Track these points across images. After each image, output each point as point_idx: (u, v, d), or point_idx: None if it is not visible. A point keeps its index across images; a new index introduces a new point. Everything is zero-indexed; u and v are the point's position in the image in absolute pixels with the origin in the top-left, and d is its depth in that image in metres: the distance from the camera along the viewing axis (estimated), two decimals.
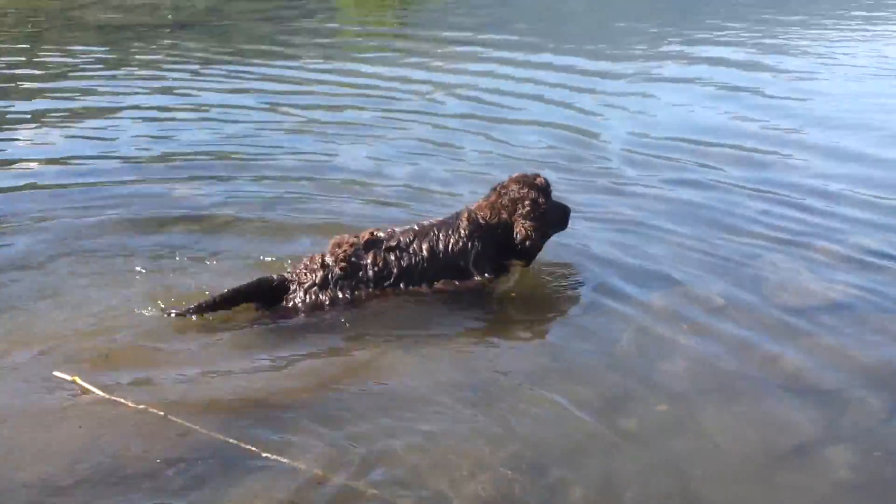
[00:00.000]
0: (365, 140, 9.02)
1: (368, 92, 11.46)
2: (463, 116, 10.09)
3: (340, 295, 5.08)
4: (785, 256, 6.05)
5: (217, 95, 11.22)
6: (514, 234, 5.49)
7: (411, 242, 5.27)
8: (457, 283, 5.33)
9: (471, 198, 6.10)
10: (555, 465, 3.76)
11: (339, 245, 5.21)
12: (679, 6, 24.99)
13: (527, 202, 5.50)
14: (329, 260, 5.14)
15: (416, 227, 5.38)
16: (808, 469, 3.84)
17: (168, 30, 17.62)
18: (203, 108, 10.44)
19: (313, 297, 5.07)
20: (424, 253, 5.26)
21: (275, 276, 5.15)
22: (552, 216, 5.64)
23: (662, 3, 25.16)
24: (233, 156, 8.42)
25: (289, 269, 5.30)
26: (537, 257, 5.68)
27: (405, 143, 8.93)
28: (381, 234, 5.29)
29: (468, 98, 11.19)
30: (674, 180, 7.74)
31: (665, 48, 15.83)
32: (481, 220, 5.45)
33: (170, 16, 19.88)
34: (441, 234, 5.34)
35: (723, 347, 4.82)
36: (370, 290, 5.13)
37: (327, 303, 5.06)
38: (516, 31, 17.77)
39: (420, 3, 25.52)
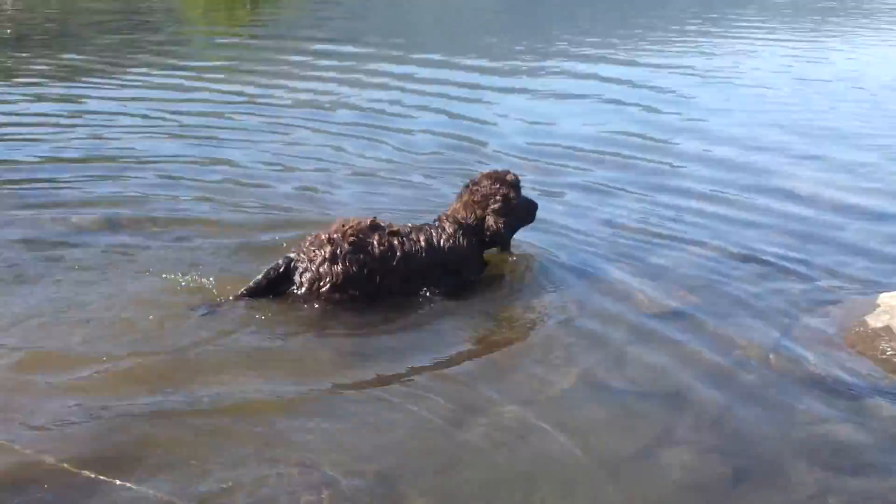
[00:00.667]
0: (233, 146, 9.03)
1: (219, 101, 11.46)
2: (345, 123, 10.26)
3: (351, 268, 5.18)
4: (657, 255, 6.27)
5: (52, 105, 10.95)
6: (486, 227, 5.70)
7: (410, 232, 5.48)
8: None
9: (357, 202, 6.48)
10: (400, 477, 3.70)
11: (344, 224, 5.36)
12: (526, 18, 25.57)
13: (498, 197, 5.73)
14: (336, 236, 5.26)
15: (410, 224, 5.61)
16: (648, 472, 3.86)
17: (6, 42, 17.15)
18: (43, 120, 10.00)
19: (327, 269, 5.17)
20: (423, 244, 5.44)
21: (280, 261, 5.27)
22: (521, 211, 5.91)
23: (507, 16, 25.82)
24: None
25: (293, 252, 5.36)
26: None
27: (276, 149, 9.01)
28: (382, 223, 5.47)
29: (344, 106, 11.40)
30: (562, 183, 7.98)
31: (517, 60, 16.47)
32: (461, 221, 5.68)
33: (9, 30, 19.22)
34: (433, 232, 5.55)
35: (573, 350, 4.85)
36: (376, 266, 5.26)
37: (341, 275, 5.17)
38: (372, 44, 18.12)
39: (269, 17, 25.17)
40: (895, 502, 3.69)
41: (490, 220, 5.68)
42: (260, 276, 5.19)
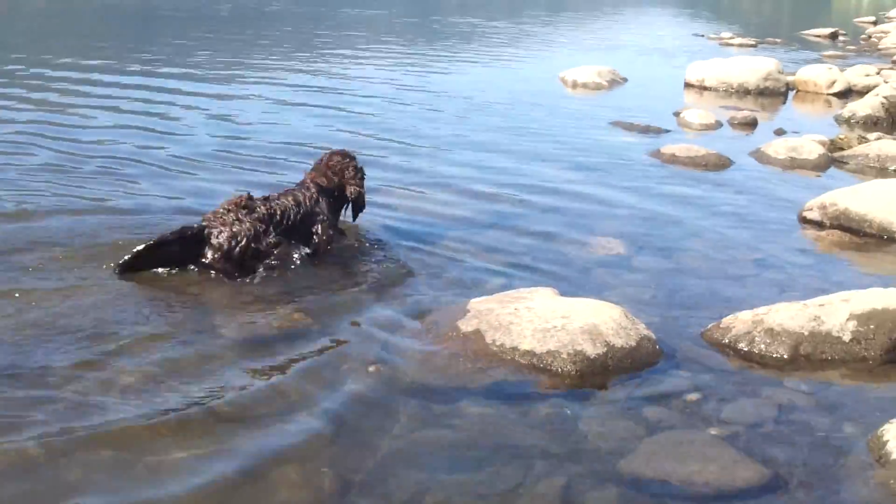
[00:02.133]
0: None
1: None
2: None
3: (255, 226, 6.26)
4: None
5: None
6: (348, 192, 7.01)
7: (279, 198, 6.62)
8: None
9: None
10: None
11: (232, 199, 6.45)
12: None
13: (351, 168, 7.06)
14: (233, 206, 6.35)
15: (276, 193, 6.76)
16: (256, 493, 3.90)
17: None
18: None
19: (238, 228, 6.20)
20: (292, 202, 6.58)
21: (194, 224, 6.25)
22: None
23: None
24: None
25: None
26: None
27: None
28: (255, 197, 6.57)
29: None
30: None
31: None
32: (321, 185, 6.88)
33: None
34: (299, 193, 6.72)
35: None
36: (266, 224, 6.34)
37: (251, 231, 6.24)
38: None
39: None
40: (484, 494, 3.98)
41: (350, 187, 7.00)
42: (172, 231, 6.13)
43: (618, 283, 6.56)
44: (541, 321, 5.34)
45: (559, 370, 5.09)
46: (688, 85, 17.68)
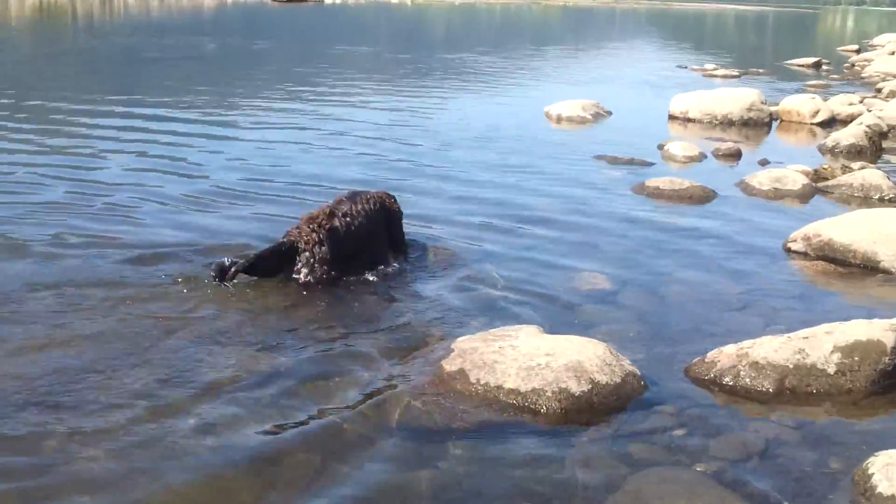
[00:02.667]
0: None
1: None
2: None
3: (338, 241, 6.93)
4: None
5: None
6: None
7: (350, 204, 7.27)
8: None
9: None
10: None
11: (314, 214, 7.09)
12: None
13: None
14: (316, 223, 6.94)
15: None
16: None
17: None
18: None
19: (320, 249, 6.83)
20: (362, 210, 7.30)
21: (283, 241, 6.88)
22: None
23: None
24: None
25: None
26: None
27: None
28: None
29: None
30: None
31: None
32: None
33: None
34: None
35: None
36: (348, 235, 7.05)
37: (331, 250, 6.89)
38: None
39: None
40: None
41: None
42: (263, 250, 6.75)
43: (603, 319, 6.56)
44: (525, 359, 5.33)
45: (544, 408, 5.08)
46: (672, 117, 17.76)
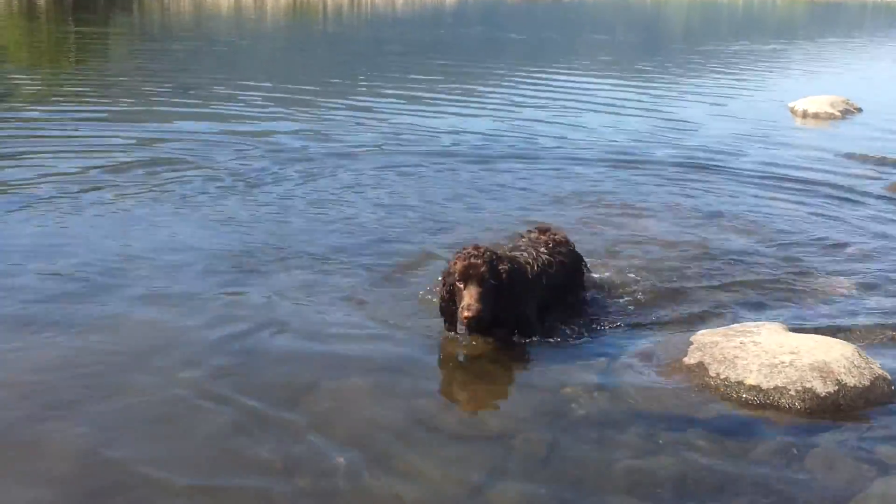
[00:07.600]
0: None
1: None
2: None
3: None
4: None
5: None
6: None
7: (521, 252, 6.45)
8: None
9: None
10: None
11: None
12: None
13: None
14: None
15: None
16: None
17: None
18: None
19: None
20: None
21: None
22: None
23: None
24: None
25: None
26: None
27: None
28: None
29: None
30: None
31: None
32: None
33: None
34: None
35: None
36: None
37: None
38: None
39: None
40: None
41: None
42: None
43: (848, 323, 6.36)
44: (768, 356, 5.29)
45: (786, 406, 5.02)
46: None
